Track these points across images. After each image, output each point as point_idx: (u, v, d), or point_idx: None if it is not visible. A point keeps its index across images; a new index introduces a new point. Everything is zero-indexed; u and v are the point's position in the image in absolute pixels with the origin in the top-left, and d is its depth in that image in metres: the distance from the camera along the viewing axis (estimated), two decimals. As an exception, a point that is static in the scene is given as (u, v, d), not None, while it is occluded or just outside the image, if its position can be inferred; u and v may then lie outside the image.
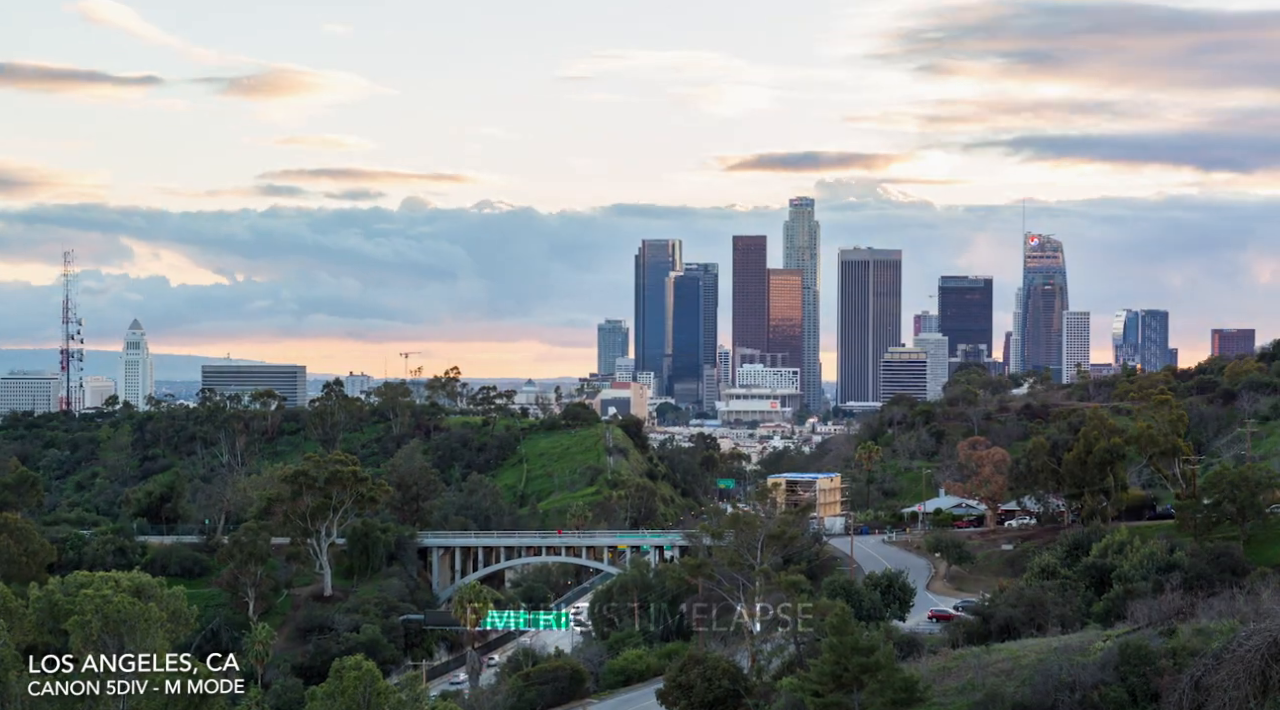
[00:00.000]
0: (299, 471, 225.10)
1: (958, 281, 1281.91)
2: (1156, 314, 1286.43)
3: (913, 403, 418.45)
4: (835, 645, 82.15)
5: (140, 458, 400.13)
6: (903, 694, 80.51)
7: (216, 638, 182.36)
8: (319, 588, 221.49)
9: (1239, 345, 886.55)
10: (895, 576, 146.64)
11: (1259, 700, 64.10)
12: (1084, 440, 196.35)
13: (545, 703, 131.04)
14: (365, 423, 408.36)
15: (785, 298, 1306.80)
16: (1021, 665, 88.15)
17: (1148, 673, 77.12)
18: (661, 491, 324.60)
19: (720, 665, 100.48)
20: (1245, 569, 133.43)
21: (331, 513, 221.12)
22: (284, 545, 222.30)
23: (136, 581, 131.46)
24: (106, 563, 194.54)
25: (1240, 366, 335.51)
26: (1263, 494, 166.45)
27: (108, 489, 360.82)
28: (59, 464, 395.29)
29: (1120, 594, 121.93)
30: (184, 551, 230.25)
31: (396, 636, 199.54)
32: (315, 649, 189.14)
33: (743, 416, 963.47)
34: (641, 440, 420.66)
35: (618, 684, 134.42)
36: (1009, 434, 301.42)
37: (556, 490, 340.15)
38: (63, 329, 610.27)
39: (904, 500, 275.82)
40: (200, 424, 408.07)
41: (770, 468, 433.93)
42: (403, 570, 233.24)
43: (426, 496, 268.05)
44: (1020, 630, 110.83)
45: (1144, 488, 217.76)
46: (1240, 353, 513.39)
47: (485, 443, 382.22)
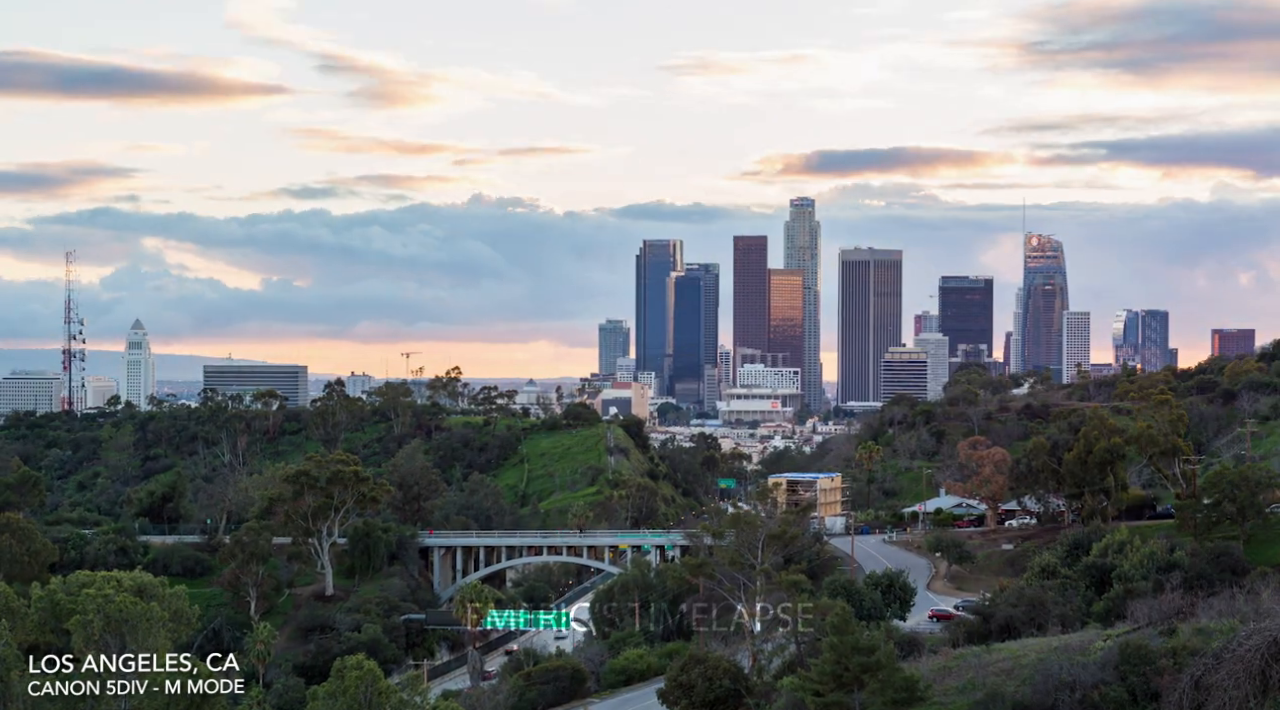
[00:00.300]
0: (301, 471, 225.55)
1: (958, 281, 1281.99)
2: (1156, 314, 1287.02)
3: (913, 403, 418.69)
4: (836, 645, 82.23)
5: (142, 458, 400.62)
6: (903, 693, 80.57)
7: (218, 637, 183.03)
8: (320, 587, 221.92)
9: (1239, 345, 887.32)
10: (896, 576, 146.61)
11: (1259, 700, 64.24)
12: (1084, 440, 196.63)
13: (546, 702, 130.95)
14: (367, 423, 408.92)
15: (786, 298, 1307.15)
16: (1022, 665, 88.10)
17: (1148, 672, 77.05)
18: (662, 491, 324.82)
19: (721, 665, 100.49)
20: (1245, 569, 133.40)
21: (333, 512, 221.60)
22: (285, 545, 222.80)
23: (138, 581, 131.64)
24: (108, 562, 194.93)
25: (1240, 366, 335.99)
26: (1262, 494, 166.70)
27: (109, 489, 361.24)
28: (61, 464, 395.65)
29: (1120, 594, 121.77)
30: (186, 551, 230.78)
31: (398, 636, 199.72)
32: (317, 648, 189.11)
33: (743, 416, 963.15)
34: (642, 440, 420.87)
35: (619, 683, 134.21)
36: (1009, 434, 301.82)
37: (557, 490, 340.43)
38: (64, 329, 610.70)
39: (904, 500, 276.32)
40: (202, 424, 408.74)
41: (771, 467, 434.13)
42: (404, 570, 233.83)
43: (428, 496, 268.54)
44: (1021, 630, 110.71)
45: (1144, 488, 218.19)
46: (1240, 353, 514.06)
47: (486, 443, 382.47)
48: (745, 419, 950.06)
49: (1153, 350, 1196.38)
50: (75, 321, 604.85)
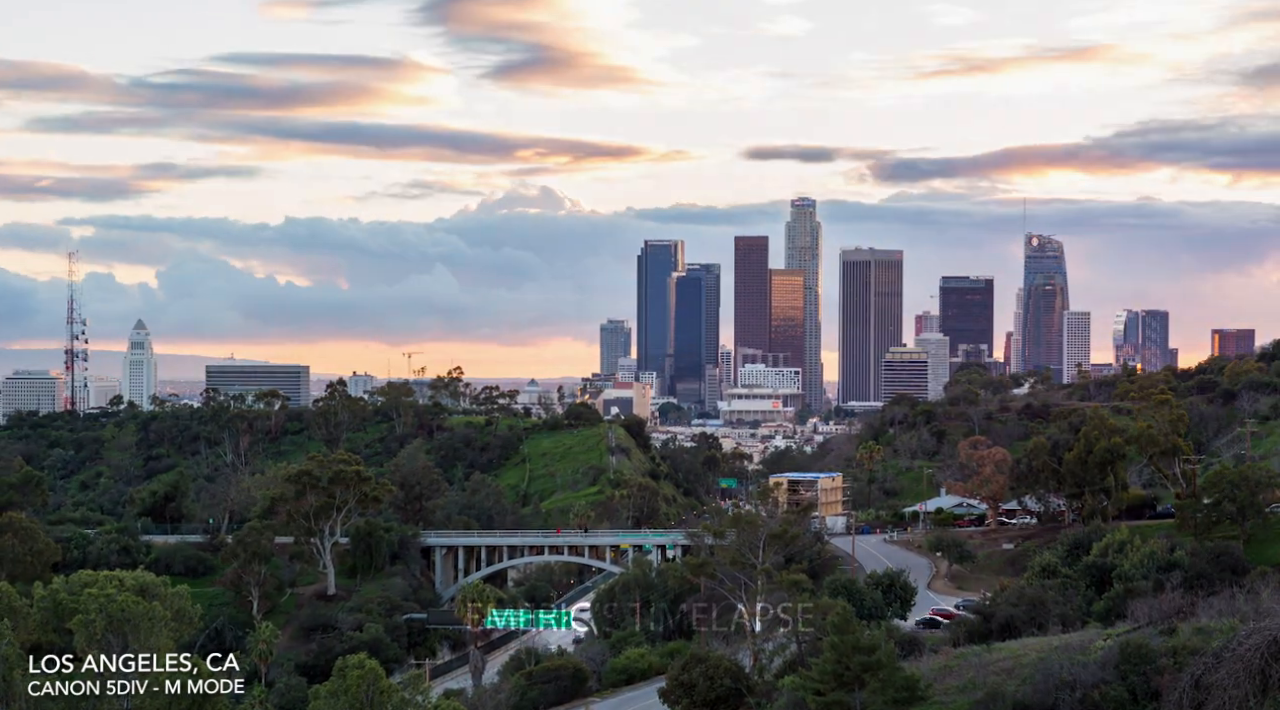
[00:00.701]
0: (303, 471, 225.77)
1: (958, 281, 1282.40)
2: (1156, 314, 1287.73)
3: (914, 402, 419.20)
4: (837, 644, 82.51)
5: (144, 457, 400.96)
6: (904, 693, 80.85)
7: (220, 637, 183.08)
8: (322, 587, 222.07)
9: (1239, 345, 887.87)
10: (897, 576, 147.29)
11: (1259, 699, 64.42)
12: (1084, 440, 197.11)
13: (548, 701, 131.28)
14: (369, 423, 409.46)
15: (787, 298, 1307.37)
16: (1022, 664, 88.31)
17: (1148, 671, 77.10)
18: (664, 491, 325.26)
19: (722, 664, 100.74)
20: (1245, 568, 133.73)
21: (335, 512, 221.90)
22: (288, 544, 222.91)
23: (141, 581, 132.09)
24: (111, 562, 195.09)
25: (1240, 366, 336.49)
26: (1262, 493, 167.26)
27: (112, 488, 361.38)
28: (64, 463, 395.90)
29: (1121, 593, 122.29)
30: (188, 551, 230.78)
31: (400, 636, 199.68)
32: (319, 648, 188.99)
33: (745, 416, 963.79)
34: (644, 440, 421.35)
35: (620, 683, 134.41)
36: (1010, 434, 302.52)
37: (559, 490, 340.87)
38: (66, 329, 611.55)
39: (905, 500, 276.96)
40: (204, 424, 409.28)
41: (772, 467, 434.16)
42: (406, 569, 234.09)
43: (429, 496, 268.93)
44: (1021, 629, 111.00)
45: (1144, 487, 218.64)
46: (1240, 352, 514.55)
47: (488, 442, 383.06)
48: (746, 419, 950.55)
49: (1153, 350, 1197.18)
50: (78, 321, 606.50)
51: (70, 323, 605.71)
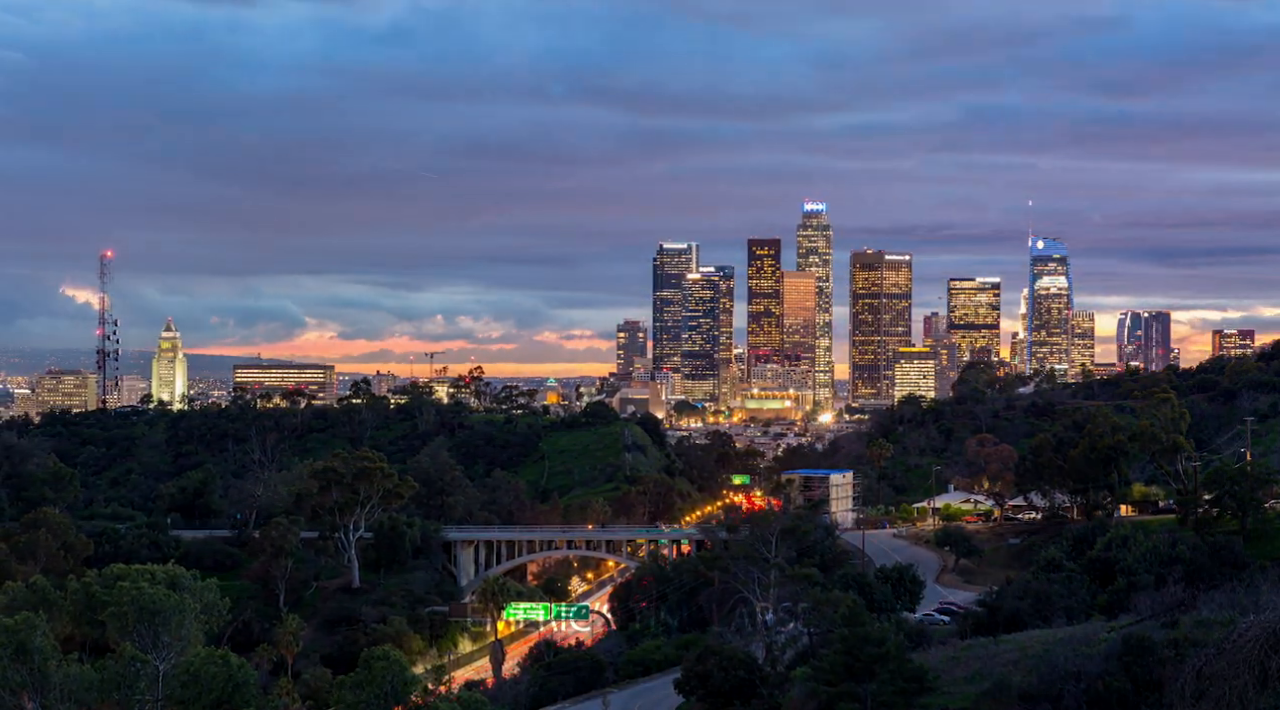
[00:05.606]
0: (327, 467, 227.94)
1: (967, 282, 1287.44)
2: (1159, 314, 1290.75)
3: (922, 401, 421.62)
4: (847, 636, 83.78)
5: (174, 455, 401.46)
6: (913, 683, 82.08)
7: (248, 629, 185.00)
8: (347, 580, 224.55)
9: (1239, 345, 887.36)
10: (905, 570, 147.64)
11: (1259, 689, 65.02)
12: (1088, 437, 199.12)
13: (566, 692, 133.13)
14: (392, 421, 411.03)
15: (799, 299, 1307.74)
16: (1028, 656, 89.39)
17: (1150, 663, 77.55)
18: (679, 487, 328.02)
19: (736, 655, 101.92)
20: (1245, 563, 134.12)
21: (359, 508, 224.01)
22: (313, 539, 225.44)
23: (171, 574, 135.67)
24: (141, 556, 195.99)
25: (1240, 366, 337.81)
26: (1261, 490, 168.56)
27: (142, 485, 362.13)
28: (95, 461, 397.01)
29: (1124, 587, 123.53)
30: (216, 545, 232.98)
31: (422, 628, 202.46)
32: (343, 640, 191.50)
33: (758, 414, 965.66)
34: (659, 438, 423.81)
35: (636, 674, 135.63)
36: (1016, 431, 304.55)
37: (577, 486, 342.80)
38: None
39: (914, 496, 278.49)
40: (232, 422, 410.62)
41: (784, 464, 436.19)
42: (428, 563, 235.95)
43: (450, 492, 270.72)
44: (1027, 622, 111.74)
45: (1147, 484, 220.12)
46: (1240, 352, 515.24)
47: (508, 440, 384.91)
48: (759, 417, 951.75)
49: (1155, 350, 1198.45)
50: (110, 323, 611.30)
51: (102, 324, 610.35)
